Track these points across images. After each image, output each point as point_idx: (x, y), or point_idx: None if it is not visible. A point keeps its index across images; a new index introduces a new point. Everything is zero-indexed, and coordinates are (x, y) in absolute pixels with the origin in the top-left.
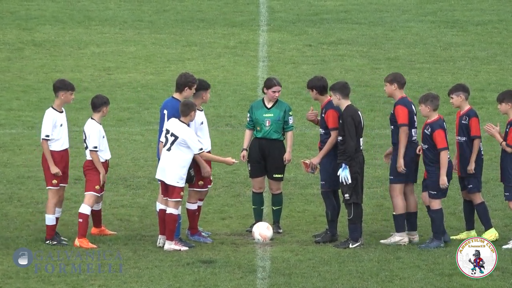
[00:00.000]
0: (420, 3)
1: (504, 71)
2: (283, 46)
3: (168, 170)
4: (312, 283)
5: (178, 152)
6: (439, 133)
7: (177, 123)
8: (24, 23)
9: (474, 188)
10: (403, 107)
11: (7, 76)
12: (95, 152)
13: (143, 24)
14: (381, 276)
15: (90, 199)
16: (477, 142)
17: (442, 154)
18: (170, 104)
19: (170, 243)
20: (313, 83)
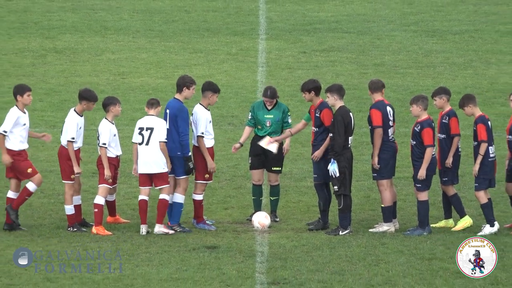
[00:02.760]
0: (403, 14)
1: (479, 75)
2: (280, 53)
3: (152, 161)
4: (306, 266)
5: (156, 143)
6: (427, 131)
7: (149, 118)
8: (47, 32)
9: (448, 181)
10: (377, 110)
11: (32, 80)
12: (104, 148)
13: (154, 33)
14: (368, 260)
15: (103, 191)
16: (456, 140)
17: (428, 150)
18: (172, 104)
19: (160, 226)
20: (310, 85)
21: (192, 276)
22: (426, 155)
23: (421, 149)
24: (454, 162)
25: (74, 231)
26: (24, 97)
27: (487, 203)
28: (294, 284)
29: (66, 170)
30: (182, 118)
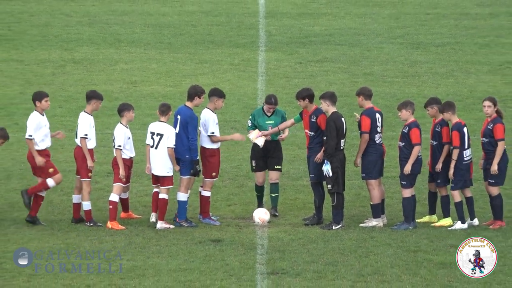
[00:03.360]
0: (390, 28)
1: (460, 84)
2: (278, 64)
3: (159, 164)
4: (302, 258)
5: (164, 148)
6: (415, 131)
7: (161, 124)
8: (66, 45)
9: (441, 183)
10: (366, 117)
11: (52, 88)
12: (119, 150)
13: (163, 45)
14: (359, 252)
15: (117, 189)
16: (446, 147)
17: (415, 148)
18: (183, 111)
19: (161, 223)
20: (304, 93)
21: (198, 266)
22: (413, 152)
23: (409, 149)
24: (444, 167)
25: (91, 226)
26: (42, 102)
27: (460, 201)
28: (291, 274)
29: (83, 169)
30: (193, 125)
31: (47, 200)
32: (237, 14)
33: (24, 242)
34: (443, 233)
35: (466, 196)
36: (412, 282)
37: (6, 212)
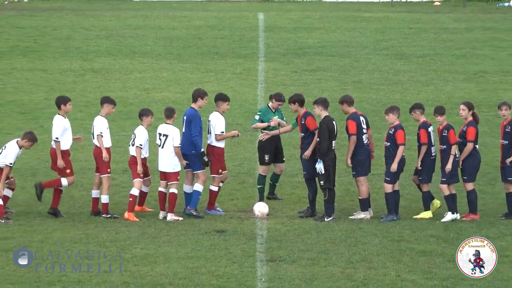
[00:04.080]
0: (376, 41)
1: (439, 91)
2: (276, 72)
3: (165, 162)
4: (297, 247)
5: (170, 147)
6: (400, 132)
7: (166, 126)
8: (85, 56)
9: (423, 180)
10: (352, 121)
11: (73, 94)
12: (139, 148)
13: (173, 56)
14: (348, 241)
15: (138, 184)
16: (423, 148)
17: (400, 148)
18: (188, 112)
19: (171, 215)
20: (295, 98)
21: (205, 254)
22: (398, 152)
23: (394, 149)
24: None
25: (108, 218)
26: (66, 106)
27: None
28: (288, 261)
29: (103, 166)
30: (195, 123)
31: (68, 195)
32: (239, 28)
33: (48, 232)
34: (424, 225)
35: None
36: (396, 268)
37: (32, 206)
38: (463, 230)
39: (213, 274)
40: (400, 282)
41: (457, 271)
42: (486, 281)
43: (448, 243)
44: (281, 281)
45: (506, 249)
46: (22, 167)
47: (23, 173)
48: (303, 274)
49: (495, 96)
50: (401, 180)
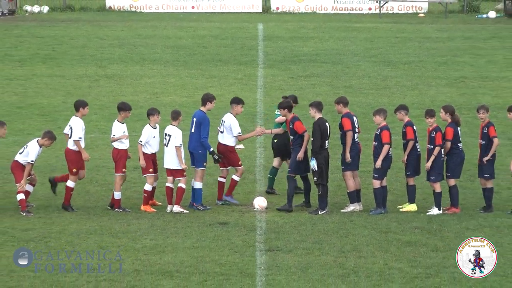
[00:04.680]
0: (366, 49)
1: (423, 95)
2: (274, 78)
3: (170, 159)
4: (293, 238)
5: (173, 146)
6: (385, 133)
7: (171, 127)
8: (100, 62)
9: (410, 174)
10: (347, 119)
11: (88, 98)
12: (140, 145)
13: (180, 63)
14: (340, 233)
15: (149, 179)
16: (410, 143)
17: (385, 147)
18: (198, 114)
19: (177, 207)
20: (284, 104)
21: (209, 245)
22: (383, 151)
23: (381, 148)
24: (411, 160)
25: (120, 211)
26: (84, 109)
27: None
28: (284, 251)
29: (118, 166)
30: (205, 125)
31: (84, 190)
32: (240, 38)
33: (65, 224)
34: (409, 217)
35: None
36: (384, 257)
37: (51, 200)
38: (445, 223)
39: (216, 262)
40: (388, 270)
41: (440, 260)
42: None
43: (432, 234)
44: (279, 269)
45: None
46: (41, 165)
47: (43, 170)
48: (298, 263)
49: (474, 100)
50: (388, 176)
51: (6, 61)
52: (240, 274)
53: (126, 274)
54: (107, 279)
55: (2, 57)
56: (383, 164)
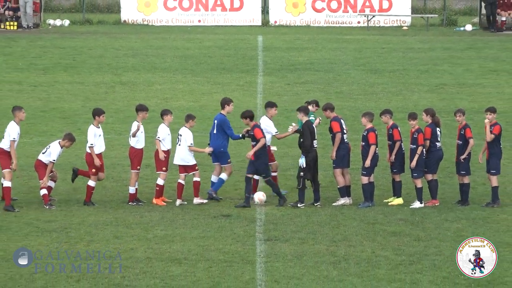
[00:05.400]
0: (355, 59)
1: (406, 100)
2: (272, 85)
3: (182, 156)
4: (290, 229)
5: (184, 145)
6: (371, 134)
7: (183, 129)
8: (115, 71)
9: (397, 172)
10: (336, 122)
11: (105, 102)
12: (158, 142)
13: (187, 71)
14: (332, 224)
15: (163, 175)
16: (398, 144)
17: (371, 148)
18: (218, 117)
19: (196, 199)
20: (247, 114)
21: (213, 235)
22: (370, 151)
23: (368, 148)
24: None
25: (134, 205)
26: (100, 117)
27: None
28: (282, 240)
29: (134, 163)
30: (227, 126)
31: (101, 186)
32: (242, 48)
33: (84, 216)
34: (394, 210)
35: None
36: (371, 246)
37: (71, 194)
38: (426, 215)
39: (220, 251)
40: (375, 258)
41: (422, 248)
42: (445, 256)
43: (414, 225)
44: (276, 257)
45: (462, 230)
46: (63, 163)
47: (64, 167)
48: (294, 251)
49: (452, 104)
50: (376, 173)
51: (31, 70)
52: (242, 261)
53: (139, 261)
54: (123, 265)
55: (28, 66)
56: (371, 163)
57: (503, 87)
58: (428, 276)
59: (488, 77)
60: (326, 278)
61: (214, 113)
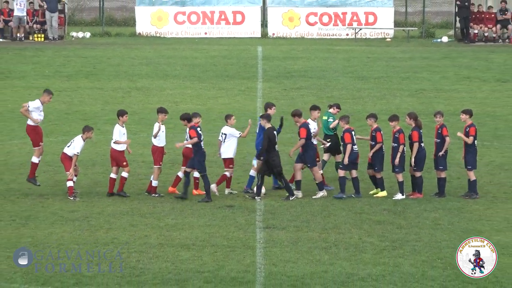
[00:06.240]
0: (344, 67)
1: (390, 104)
2: (270, 90)
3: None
4: (286, 218)
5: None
6: (347, 134)
7: (225, 127)
8: (131, 77)
9: (377, 170)
10: (304, 128)
11: (121, 106)
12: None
13: (195, 78)
14: (323, 214)
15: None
16: (378, 145)
17: (348, 146)
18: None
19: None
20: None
21: (218, 223)
22: (346, 149)
23: (344, 147)
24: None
25: (156, 196)
26: (123, 117)
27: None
28: (279, 228)
29: (156, 159)
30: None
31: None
32: (244, 57)
33: (104, 207)
34: (379, 201)
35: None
36: (358, 233)
37: (92, 188)
38: (407, 205)
39: (224, 237)
40: (362, 243)
41: (403, 235)
42: (424, 242)
43: (397, 215)
44: (274, 243)
45: (439, 219)
46: (84, 159)
47: (85, 163)
48: (290, 238)
49: (430, 107)
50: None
51: (56, 77)
52: (243, 247)
53: (152, 247)
54: (137, 250)
55: (53, 73)
56: (348, 159)
57: (475, 92)
58: (409, 260)
59: (462, 83)
60: (319, 261)
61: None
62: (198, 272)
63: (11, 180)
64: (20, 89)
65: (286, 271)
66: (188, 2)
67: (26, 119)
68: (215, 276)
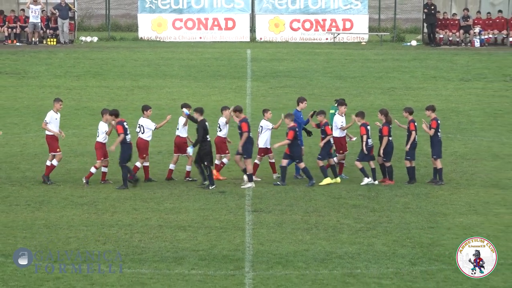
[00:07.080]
0: (324, 68)
1: (365, 100)
2: (258, 88)
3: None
4: (272, 202)
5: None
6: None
7: (263, 120)
8: (134, 77)
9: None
10: (245, 123)
11: (125, 102)
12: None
13: (191, 77)
14: (305, 199)
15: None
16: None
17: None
18: (295, 112)
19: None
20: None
21: (211, 207)
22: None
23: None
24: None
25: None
26: (148, 111)
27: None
28: (266, 211)
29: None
30: (297, 116)
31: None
32: (234, 59)
33: (109, 192)
34: (355, 187)
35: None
36: (336, 216)
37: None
38: (380, 191)
39: (217, 220)
40: (339, 225)
41: (377, 218)
42: (394, 224)
43: (371, 199)
44: (261, 225)
45: (409, 203)
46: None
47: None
48: (276, 220)
49: (401, 104)
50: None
51: (67, 76)
52: (234, 228)
53: (152, 228)
54: (139, 231)
55: (64, 73)
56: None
57: (441, 90)
58: (382, 240)
59: (429, 82)
60: (301, 241)
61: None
62: (194, 250)
63: (27, 168)
64: (34, 88)
65: (272, 250)
66: (185, 10)
67: (42, 117)
68: (208, 254)
